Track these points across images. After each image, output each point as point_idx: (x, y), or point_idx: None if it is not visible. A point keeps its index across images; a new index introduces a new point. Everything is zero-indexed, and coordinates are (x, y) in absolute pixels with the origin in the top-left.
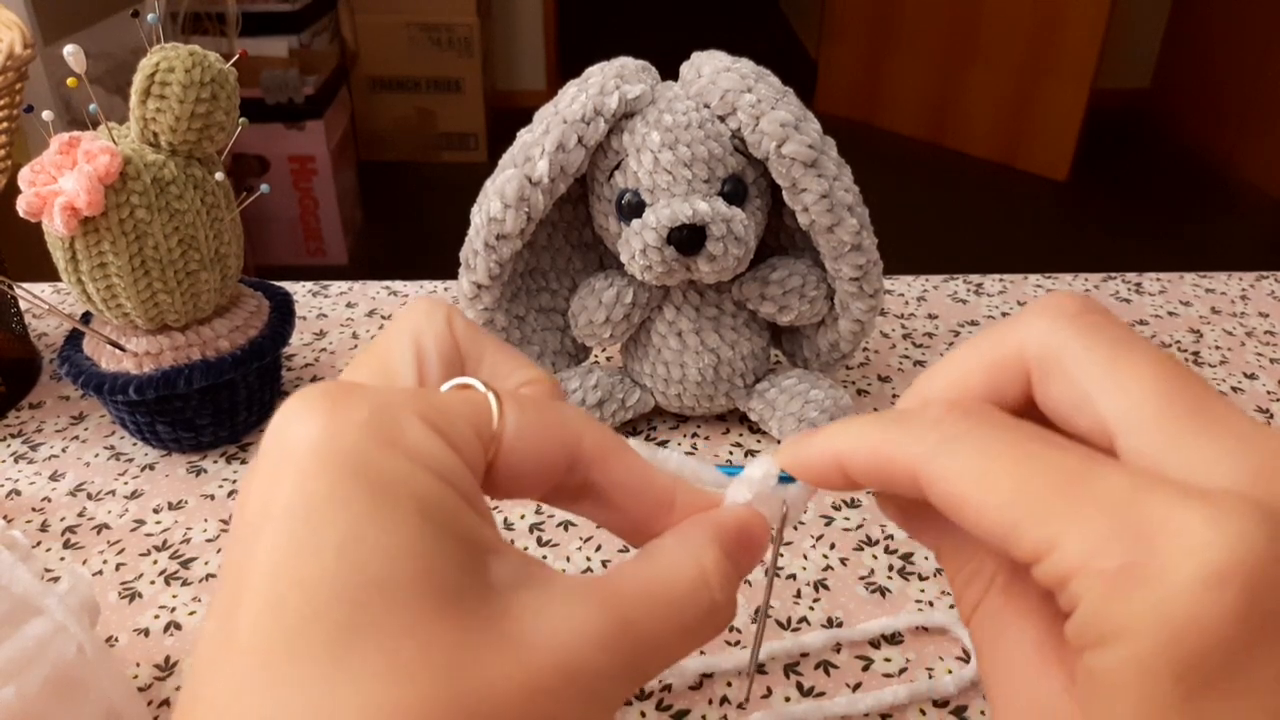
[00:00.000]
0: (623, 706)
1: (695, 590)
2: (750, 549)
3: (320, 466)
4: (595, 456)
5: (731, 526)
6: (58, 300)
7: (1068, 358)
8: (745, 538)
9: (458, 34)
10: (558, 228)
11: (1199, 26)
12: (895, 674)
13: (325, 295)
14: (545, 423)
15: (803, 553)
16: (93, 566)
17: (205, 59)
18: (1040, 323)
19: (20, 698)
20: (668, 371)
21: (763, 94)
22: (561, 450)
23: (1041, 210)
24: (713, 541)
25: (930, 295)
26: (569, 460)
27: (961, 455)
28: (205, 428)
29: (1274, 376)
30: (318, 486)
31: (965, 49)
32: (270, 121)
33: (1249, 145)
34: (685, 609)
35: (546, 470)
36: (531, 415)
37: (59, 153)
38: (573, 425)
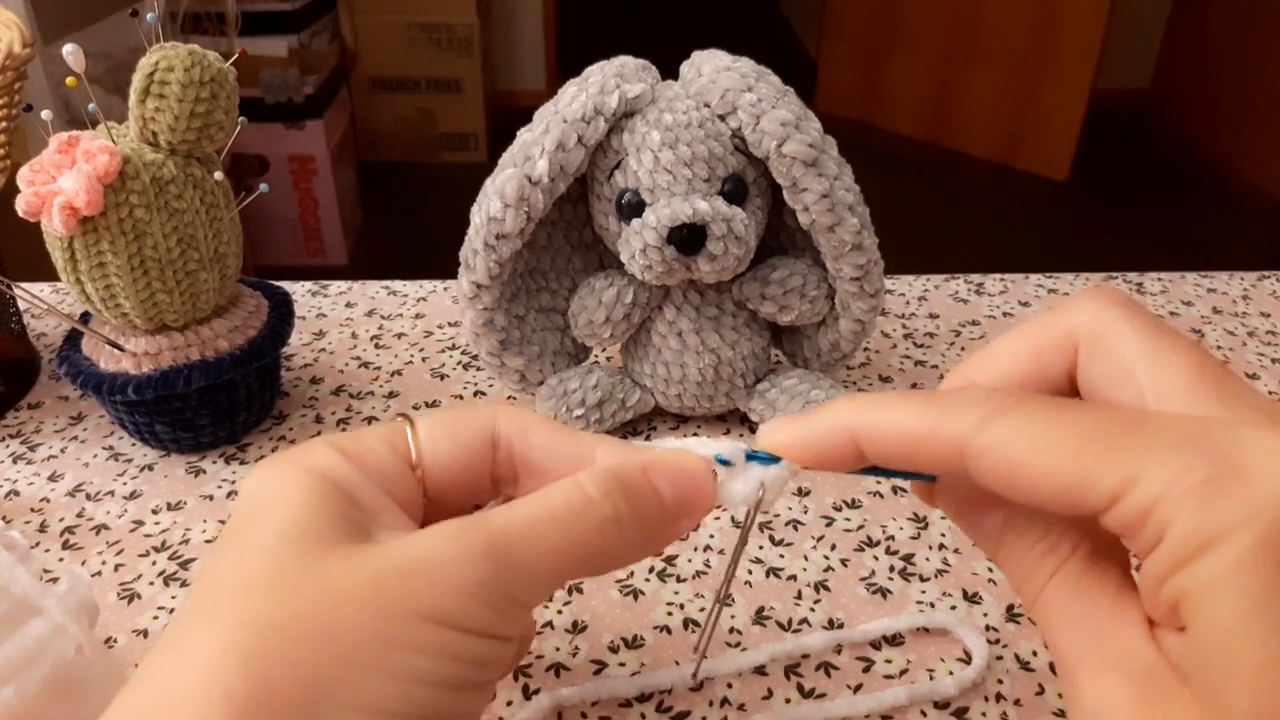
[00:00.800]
0: (621, 708)
1: (567, 487)
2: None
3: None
4: (512, 432)
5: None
6: (56, 300)
7: (1113, 334)
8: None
9: (458, 34)
10: (558, 227)
11: (1199, 26)
12: (896, 675)
13: (325, 295)
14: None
15: (803, 554)
16: (92, 567)
17: (205, 58)
18: (1091, 306)
19: (19, 698)
20: (668, 371)
21: (763, 93)
22: (478, 435)
23: (1041, 210)
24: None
25: (931, 295)
26: (489, 440)
27: (1015, 424)
28: (204, 428)
29: (1275, 376)
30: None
31: (965, 49)
32: (270, 121)
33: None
34: (554, 501)
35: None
36: (444, 416)
37: (58, 152)
38: (484, 412)
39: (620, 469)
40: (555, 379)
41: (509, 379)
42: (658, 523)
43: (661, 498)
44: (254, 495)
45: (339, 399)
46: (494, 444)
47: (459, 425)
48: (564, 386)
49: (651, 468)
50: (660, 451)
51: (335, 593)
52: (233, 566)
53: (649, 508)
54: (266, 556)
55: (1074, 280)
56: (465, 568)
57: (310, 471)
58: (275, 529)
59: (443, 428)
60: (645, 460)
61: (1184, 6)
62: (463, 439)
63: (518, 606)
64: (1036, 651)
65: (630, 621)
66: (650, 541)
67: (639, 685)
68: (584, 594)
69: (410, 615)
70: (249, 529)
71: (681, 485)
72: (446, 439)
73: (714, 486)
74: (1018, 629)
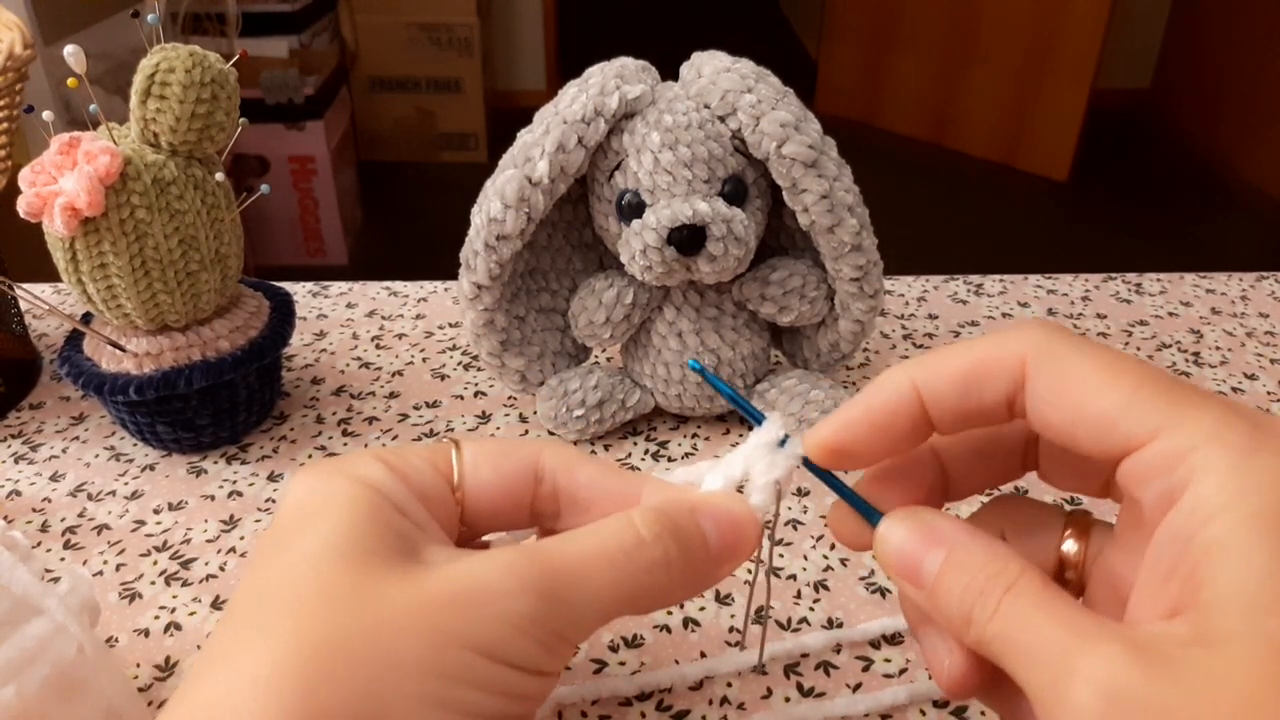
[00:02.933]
0: (621, 707)
1: (619, 527)
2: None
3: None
4: (558, 466)
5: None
6: (58, 301)
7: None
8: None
9: (458, 34)
10: (558, 228)
11: (1199, 26)
12: (895, 674)
13: (325, 296)
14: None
15: (803, 553)
16: (93, 567)
17: (205, 59)
18: (1037, 329)
19: (20, 698)
20: (668, 372)
21: (763, 94)
22: (522, 465)
23: (1041, 210)
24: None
25: (930, 295)
26: (533, 473)
27: (1079, 351)
28: (205, 428)
29: (1274, 377)
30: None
31: (965, 49)
32: (270, 122)
33: (1249, 145)
34: (606, 540)
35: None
36: (489, 444)
37: (59, 153)
38: (530, 445)
39: (670, 510)
40: (555, 379)
41: (509, 379)
42: (703, 566)
43: (708, 542)
44: (301, 502)
45: (340, 399)
46: (538, 477)
47: (503, 454)
48: (564, 387)
49: (700, 510)
50: (708, 494)
51: (389, 616)
52: (282, 577)
53: (696, 551)
54: (318, 569)
55: (1073, 281)
56: (519, 603)
57: (358, 482)
58: (324, 540)
59: (486, 455)
60: (694, 502)
61: (1184, 6)
62: (506, 468)
63: (565, 644)
64: None
65: (630, 621)
66: (694, 585)
67: (639, 684)
68: None
69: (462, 646)
70: (297, 538)
71: (727, 530)
72: (489, 466)
73: (760, 531)
74: None
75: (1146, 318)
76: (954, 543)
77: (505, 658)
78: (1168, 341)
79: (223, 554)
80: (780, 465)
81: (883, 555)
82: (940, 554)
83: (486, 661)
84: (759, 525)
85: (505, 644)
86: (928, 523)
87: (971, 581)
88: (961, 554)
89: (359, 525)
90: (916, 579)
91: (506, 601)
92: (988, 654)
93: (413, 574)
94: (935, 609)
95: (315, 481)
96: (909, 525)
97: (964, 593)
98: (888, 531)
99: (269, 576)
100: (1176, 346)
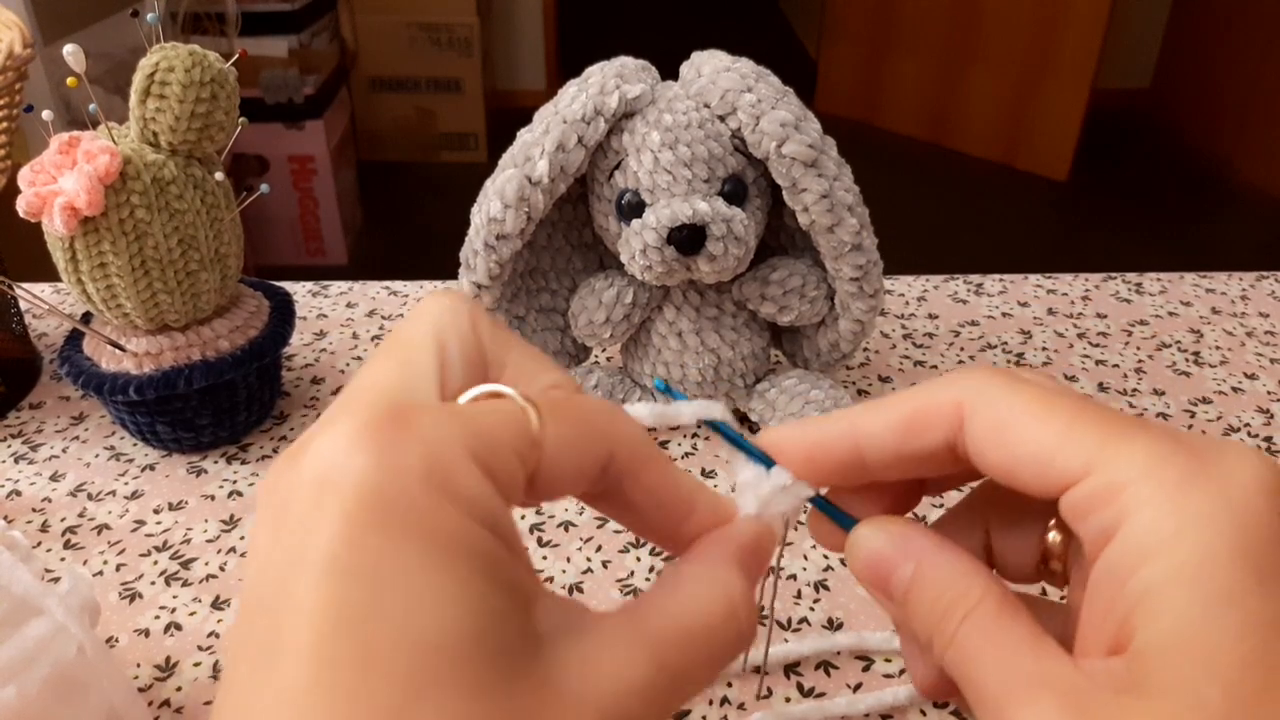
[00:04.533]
0: None
1: (725, 623)
2: (763, 565)
3: (373, 519)
4: (628, 467)
5: (750, 547)
6: (58, 300)
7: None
8: (760, 555)
9: (458, 34)
10: (558, 228)
11: (1199, 26)
12: (895, 675)
13: (325, 295)
14: (582, 434)
15: (803, 553)
16: (93, 567)
17: (205, 59)
18: (971, 376)
19: (20, 698)
20: (668, 372)
21: (763, 94)
22: (597, 461)
23: (1041, 210)
24: (738, 568)
25: (930, 295)
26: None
27: (1016, 389)
28: (205, 428)
29: (1274, 377)
30: (371, 542)
31: (965, 49)
32: (270, 121)
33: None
34: (716, 643)
35: (583, 479)
36: (569, 427)
37: (59, 152)
38: (609, 433)
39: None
40: None
41: None
42: None
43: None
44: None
45: None
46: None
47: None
48: None
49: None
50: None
51: None
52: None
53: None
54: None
55: (1073, 280)
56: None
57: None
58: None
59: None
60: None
61: (1184, 6)
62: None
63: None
64: None
65: None
66: None
67: None
68: (584, 594)
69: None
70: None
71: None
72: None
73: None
74: None
75: (1146, 317)
76: (922, 558)
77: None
78: (1168, 341)
79: (223, 554)
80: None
81: (853, 565)
82: (909, 568)
83: None
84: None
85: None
86: (897, 534)
87: (935, 602)
88: (929, 571)
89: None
90: (886, 590)
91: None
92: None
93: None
94: (905, 621)
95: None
96: (879, 537)
97: (928, 613)
98: (857, 541)
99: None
100: (1176, 346)
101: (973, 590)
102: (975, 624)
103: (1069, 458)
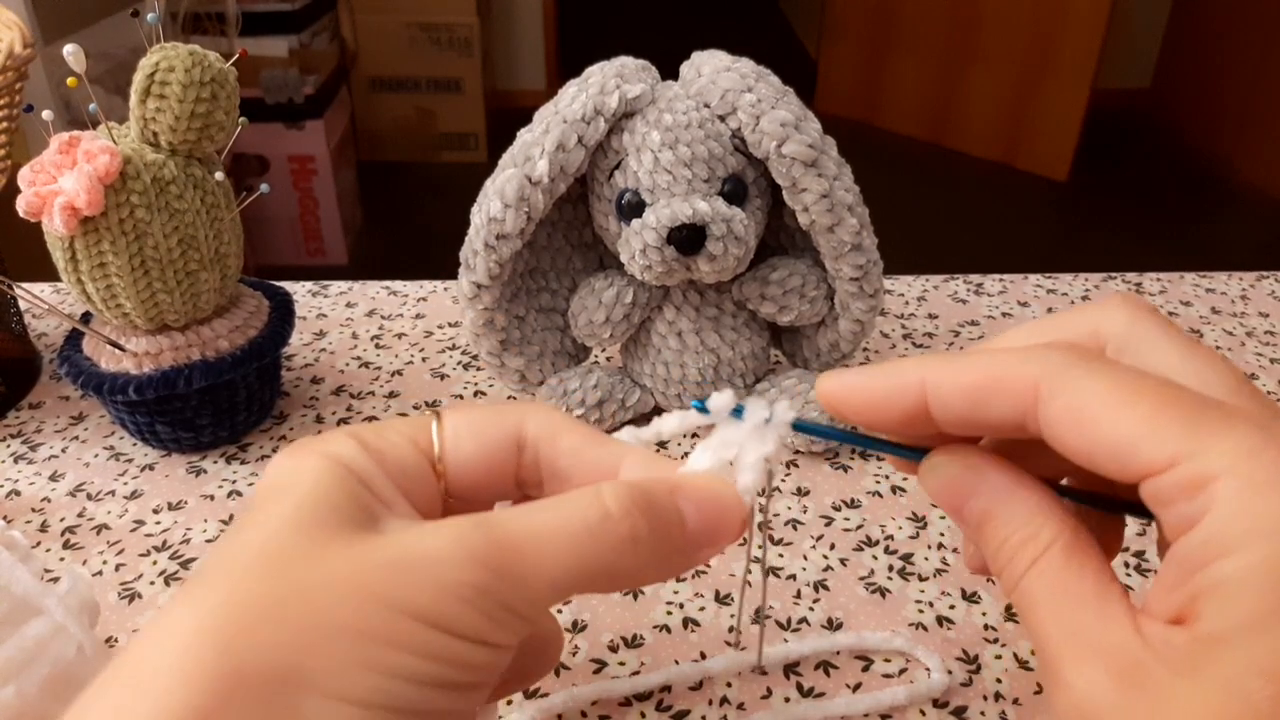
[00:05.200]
0: (621, 707)
1: (584, 501)
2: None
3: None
4: (540, 434)
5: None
6: (57, 300)
7: (1147, 340)
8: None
9: (458, 34)
10: (558, 227)
11: (1199, 26)
12: (895, 674)
13: (325, 295)
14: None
15: (803, 553)
16: (92, 567)
17: (205, 59)
18: (1122, 311)
19: (20, 698)
20: (668, 371)
21: (763, 94)
22: (505, 434)
23: (1041, 210)
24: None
25: (930, 295)
26: (516, 441)
27: (1099, 373)
28: (205, 428)
29: (1274, 376)
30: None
31: (965, 49)
32: (270, 121)
33: (1249, 145)
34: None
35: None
36: (471, 413)
37: (59, 152)
38: (514, 411)
39: (645, 486)
40: (555, 379)
41: (509, 379)
42: (678, 548)
43: (686, 523)
44: (270, 480)
45: (339, 399)
46: (520, 445)
47: (485, 424)
48: (564, 386)
49: (681, 491)
50: (692, 474)
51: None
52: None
53: (671, 532)
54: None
55: (1073, 280)
56: (461, 571)
57: (327, 457)
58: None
59: (468, 425)
60: (675, 482)
61: (1184, 6)
62: (487, 438)
63: (515, 617)
64: (1035, 651)
65: (630, 621)
66: (668, 566)
67: (639, 684)
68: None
69: (397, 611)
70: (258, 511)
71: (709, 513)
72: (471, 437)
73: (745, 516)
74: (1016, 628)
75: None
76: (995, 494)
77: (445, 625)
78: None
79: None
80: (769, 440)
81: (927, 489)
82: (981, 502)
83: (423, 627)
84: (744, 508)
85: (445, 612)
86: (971, 465)
87: (1004, 542)
88: (1002, 509)
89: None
90: (958, 516)
91: (449, 569)
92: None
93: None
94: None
95: (288, 460)
96: (952, 466)
97: (996, 552)
98: (930, 470)
99: (220, 548)
100: None
101: (1043, 533)
102: (1041, 572)
103: (1153, 448)
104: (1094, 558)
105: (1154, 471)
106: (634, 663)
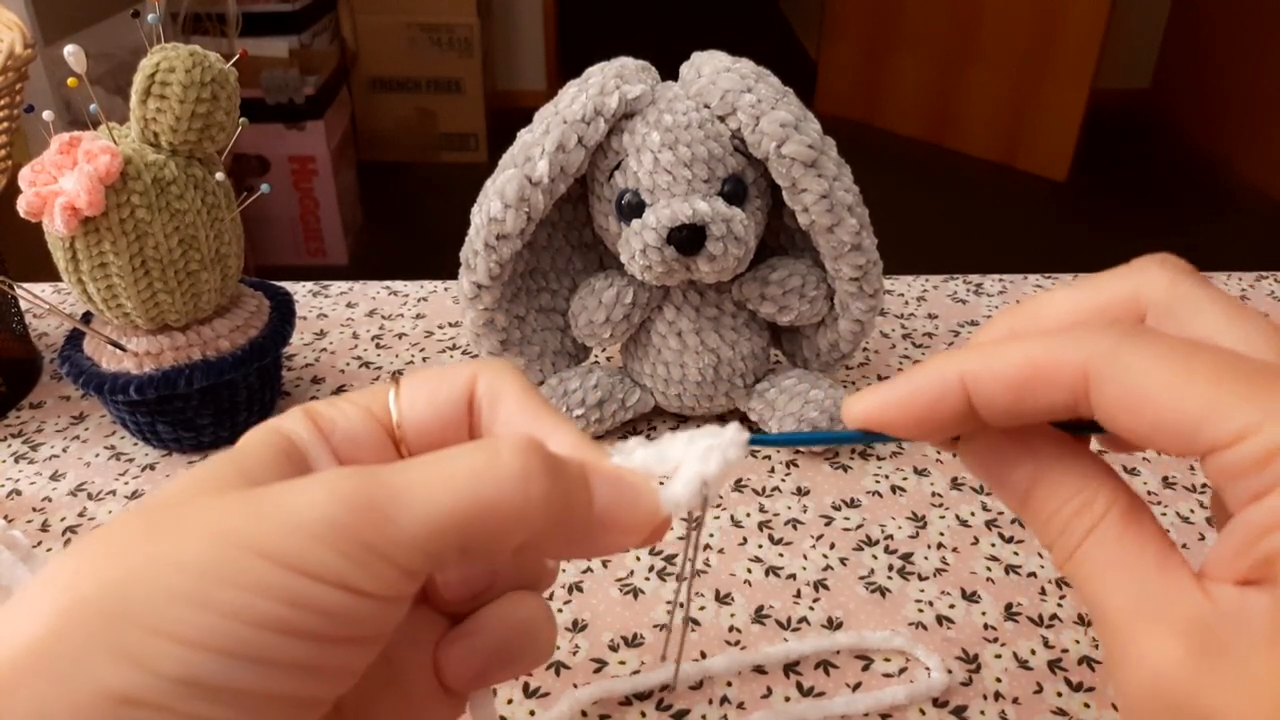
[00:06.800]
0: (621, 707)
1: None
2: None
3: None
4: (486, 396)
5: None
6: (58, 300)
7: (1192, 304)
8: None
9: (458, 34)
10: (558, 228)
11: (1199, 26)
12: (895, 674)
13: (325, 295)
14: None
15: (803, 553)
16: None
17: (205, 59)
18: (1162, 275)
19: None
20: (668, 371)
21: (763, 94)
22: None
23: (1041, 210)
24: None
25: (930, 295)
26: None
27: (1152, 351)
28: (206, 428)
29: None
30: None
31: (965, 49)
32: (270, 121)
33: (1249, 145)
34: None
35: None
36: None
37: (59, 153)
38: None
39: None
40: (555, 379)
41: None
42: (583, 522)
43: (591, 499)
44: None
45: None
46: (471, 405)
47: (439, 383)
48: (564, 386)
49: (593, 469)
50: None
51: (179, 520)
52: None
53: (575, 500)
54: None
55: (1073, 281)
56: (320, 509)
57: (269, 430)
58: (191, 475)
59: (422, 387)
60: (590, 460)
61: (1184, 6)
62: (440, 398)
63: (382, 560)
64: (1035, 650)
65: (630, 620)
66: (571, 541)
67: (639, 683)
68: (584, 593)
69: (246, 550)
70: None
71: (619, 499)
72: (425, 399)
73: (658, 516)
74: (1016, 628)
75: None
76: (1042, 460)
77: (296, 565)
78: None
79: None
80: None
81: (967, 463)
82: (1028, 469)
83: (271, 566)
84: (660, 510)
85: (294, 549)
86: (1014, 436)
87: (1055, 514)
88: (1049, 475)
89: (233, 461)
90: (1001, 487)
91: (305, 508)
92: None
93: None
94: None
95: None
96: (993, 437)
97: (1047, 523)
98: (972, 442)
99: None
100: None
101: (1098, 499)
102: (1100, 540)
103: (1217, 425)
104: (1150, 521)
105: (1216, 448)
106: (634, 661)
